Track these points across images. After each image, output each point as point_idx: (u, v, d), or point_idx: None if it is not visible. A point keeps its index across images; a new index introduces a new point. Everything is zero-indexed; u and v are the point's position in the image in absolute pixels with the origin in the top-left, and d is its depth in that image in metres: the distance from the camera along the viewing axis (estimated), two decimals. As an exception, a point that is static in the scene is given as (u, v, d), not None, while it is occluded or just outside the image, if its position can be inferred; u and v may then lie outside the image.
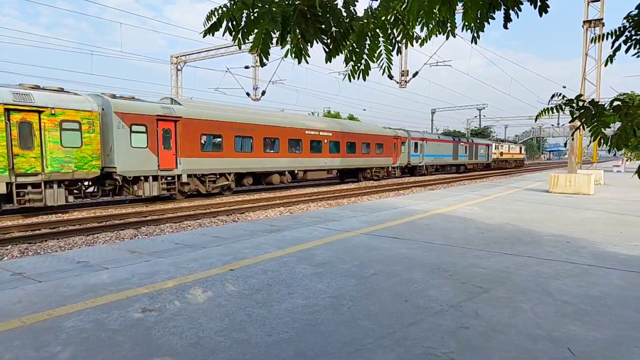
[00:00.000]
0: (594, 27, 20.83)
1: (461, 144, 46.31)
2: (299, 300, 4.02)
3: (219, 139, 19.47)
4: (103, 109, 15.48)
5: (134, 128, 16.03)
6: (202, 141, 18.64)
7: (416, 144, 37.42)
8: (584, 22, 20.79)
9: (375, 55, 2.90)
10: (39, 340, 3.18)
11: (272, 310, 3.78)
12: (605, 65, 3.19)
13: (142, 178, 16.35)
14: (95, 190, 16.04)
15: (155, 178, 16.82)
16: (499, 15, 2.82)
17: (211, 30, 2.68)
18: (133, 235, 10.84)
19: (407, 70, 25.89)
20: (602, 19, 20.43)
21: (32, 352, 3.00)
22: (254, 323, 3.50)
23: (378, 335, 3.27)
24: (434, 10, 2.61)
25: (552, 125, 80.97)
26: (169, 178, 17.48)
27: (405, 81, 25.95)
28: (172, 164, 17.40)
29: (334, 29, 2.73)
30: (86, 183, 15.51)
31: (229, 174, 20.00)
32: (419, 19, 2.72)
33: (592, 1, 21.09)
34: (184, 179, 17.97)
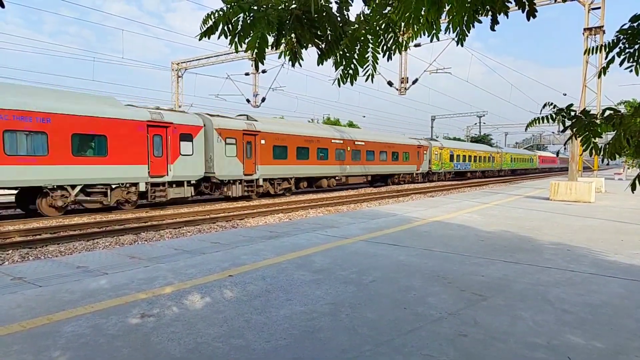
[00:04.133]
0: (595, 35, 20.86)
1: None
2: (298, 307, 4.02)
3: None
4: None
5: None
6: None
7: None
8: (584, 29, 20.83)
9: (364, 60, 2.93)
10: (37, 344, 3.18)
11: (270, 316, 3.78)
12: (599, 77, 3.23)
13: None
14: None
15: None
16: (487, 19, 2.85)
17: (207, 33, 2.68)
18: (133, 240, 10.83)
19: (407, 77, 25.93)
20: (602, 26, 20.46)
21: (31, 356, 3.00)
22: (253, 329, 3.49)
23: (376, 343, 3.27)
24: (421, 13, 2.63)
25: (553, 132, 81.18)
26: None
27: (405, 88, 25.97)
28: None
29: (329, 33, 2.76)
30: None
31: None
32: (407, 21, 2.74)
33: (593, 9, 21.16)
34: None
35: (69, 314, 3.80)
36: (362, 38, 2.92)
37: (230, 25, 2.66)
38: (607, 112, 2.91)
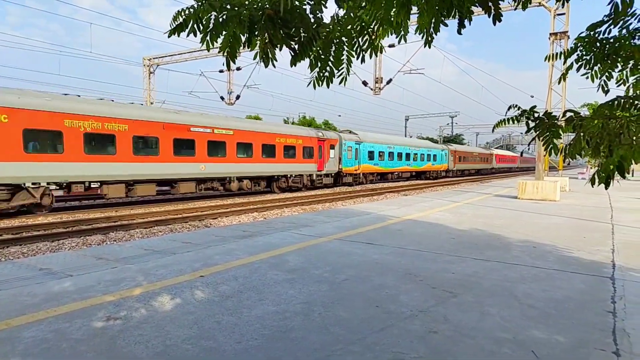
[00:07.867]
0: (560, 39, 21.58)
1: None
2: (270, 307, 3.99)
3: None
4: None
5: None
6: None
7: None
8: (550, 34, 21.53)
9: (339, 62, 2.94)
10: (-5, 351, 3.04)
11: (242, 317, 3.73)
12: (559, 82, 3.34)
13: None
14: None
15: None
16: (453, 22, 2.92)
17: (177, 30, 2.62)
18: (101, 241, 10.53)
19: (381, 78, 26.19)
20: (567, 31, 21.21)
21: (-13, 364, 2.87)
22: (224, 330, 3.44)
23: (348, 341, 3.27)
24: (391, 14, 2.66)
25: (521, 133, 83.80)
26: None
27: (380, 88, 26.25)
28: None
29: (302, 34, 2.74)
30: None
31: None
32: (378, 22, 2.77)
33: (558, 14, 21.89)
34: None
35: (29, 318, 3.65)
36: (337, 40, 2.92)
37: (200, 24, 2.61)
38: (568, 114, 3.01)
